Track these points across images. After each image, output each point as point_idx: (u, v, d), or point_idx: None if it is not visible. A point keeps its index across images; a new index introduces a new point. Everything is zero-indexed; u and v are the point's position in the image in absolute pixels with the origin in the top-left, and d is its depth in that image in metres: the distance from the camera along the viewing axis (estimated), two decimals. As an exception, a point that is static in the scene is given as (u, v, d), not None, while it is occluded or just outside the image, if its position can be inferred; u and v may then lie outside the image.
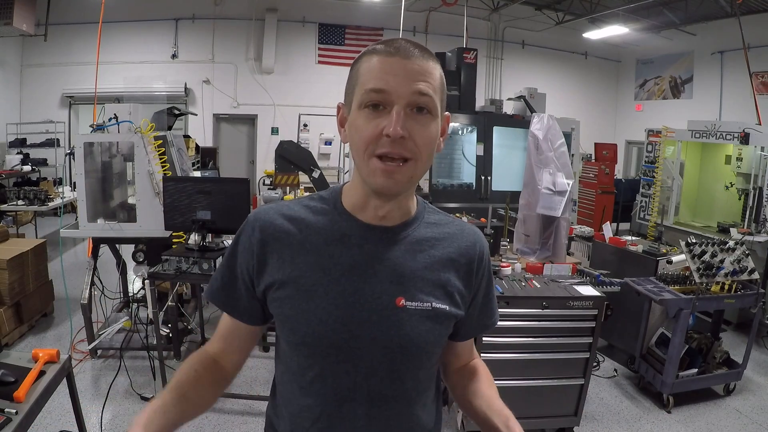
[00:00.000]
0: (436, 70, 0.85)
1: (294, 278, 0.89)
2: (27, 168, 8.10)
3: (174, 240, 3.35)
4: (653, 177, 6.05)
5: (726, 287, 3.34)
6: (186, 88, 9.89)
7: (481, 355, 2.81)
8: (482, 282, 1.01)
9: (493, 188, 6.33)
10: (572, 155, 6.17)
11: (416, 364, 0.93)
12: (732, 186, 5.63)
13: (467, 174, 6.57)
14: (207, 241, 3.15)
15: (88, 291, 3.66)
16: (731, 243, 3.43)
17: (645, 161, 6.54)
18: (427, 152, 0.84)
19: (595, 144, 8.44)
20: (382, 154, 0.81)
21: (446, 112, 0.90)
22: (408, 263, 0.91)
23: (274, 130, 10.26)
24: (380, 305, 0.88)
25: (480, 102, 7.73)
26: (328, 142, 9.91)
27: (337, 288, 0.87)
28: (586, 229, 4.59)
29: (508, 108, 7.51)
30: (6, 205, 6.18)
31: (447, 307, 0.93)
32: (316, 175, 4.49)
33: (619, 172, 10.25)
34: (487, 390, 1.03)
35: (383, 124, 0.80)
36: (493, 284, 1.06)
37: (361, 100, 0.82)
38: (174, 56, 9.89)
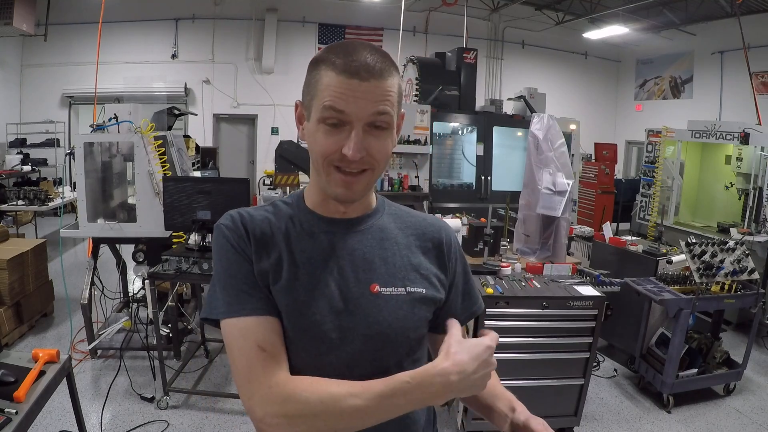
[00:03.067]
0: (395, 83, 0.85)
1: (270, 275, 0.88)
2: (27, 168, 8.10)
3: (174, 240, 3.35)
4: (653, 177, 6.04)
5: (726, 287, 3.34)
6: (186, 88, 9.89)
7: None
8: (457, 267, 1.02)
9: (493, 188, 6.33)
10: (572, 155, 6.16)
11: (399, 352, 0.91)
12: (732, 186, 5.62)
13: (467, 174, 6.57)
14: (207, 241, 3.15)
15: (88, 291, 3.66)
16: (731, 243, 3.43)
17: (645, 161, 6.54)
18: (383, 162, 0.87)
19: (595, 144, 8.43)
20: (341, 166, 0.85)
21: (401, 110, 0.91)
22: (376, 251, 0.93)
23: (274, 130, 10.26)
24: (356, 294, 0.88)
25: (480, 102, 7.73)
26: (328, 142, 9.90)
27: (312, 281, 0.87)
28: (586, 229, 4.59)
29: (508, 108, 7.50)
30: (6, 205, 6.19)
31: (423, 290, 0.94)
32: (316, 175, 4.48)
33: (619, 172, 10.24)
34: None
35: (342, 141, 0.82)
36: (470, 271, 1.08)
37: (320, 116, 0.83)
38: (174, 56, 9.90)
